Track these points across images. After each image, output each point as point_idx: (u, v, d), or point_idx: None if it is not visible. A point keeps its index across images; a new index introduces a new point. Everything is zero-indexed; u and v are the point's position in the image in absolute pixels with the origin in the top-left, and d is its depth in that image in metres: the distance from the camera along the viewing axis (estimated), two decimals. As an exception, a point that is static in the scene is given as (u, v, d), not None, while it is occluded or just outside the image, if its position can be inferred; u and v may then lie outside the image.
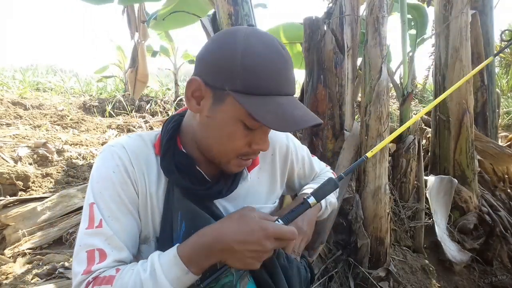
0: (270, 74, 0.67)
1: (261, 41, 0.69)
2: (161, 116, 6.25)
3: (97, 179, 0.74)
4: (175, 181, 0.77)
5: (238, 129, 0.71)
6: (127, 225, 0.74)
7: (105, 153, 0.77)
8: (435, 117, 2.34)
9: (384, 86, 1.73)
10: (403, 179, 2.03)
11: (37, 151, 2.84)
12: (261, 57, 0.67)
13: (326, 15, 2.04)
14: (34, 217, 2.04)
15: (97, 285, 0.66)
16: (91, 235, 0.70)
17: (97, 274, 0.68)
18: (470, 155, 2.18)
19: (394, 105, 5.01)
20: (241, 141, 0.72)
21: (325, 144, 1.95)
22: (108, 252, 0.69)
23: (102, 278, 0.66)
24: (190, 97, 0.73)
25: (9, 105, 4.76)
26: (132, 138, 0.81)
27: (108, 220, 0.71)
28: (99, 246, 0.70)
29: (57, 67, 9.33)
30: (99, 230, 0.70)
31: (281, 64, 0.69)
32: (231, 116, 0.70)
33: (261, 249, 0.67)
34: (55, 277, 1.63)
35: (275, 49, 0.69)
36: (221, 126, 0.71)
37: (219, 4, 1.89)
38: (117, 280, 0.66)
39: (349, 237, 1.75)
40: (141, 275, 0.65)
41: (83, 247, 0.70)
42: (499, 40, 3.29)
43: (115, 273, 0.67)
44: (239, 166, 0.78)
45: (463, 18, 2.13)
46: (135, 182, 0.76)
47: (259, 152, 0.77)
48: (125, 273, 0.67)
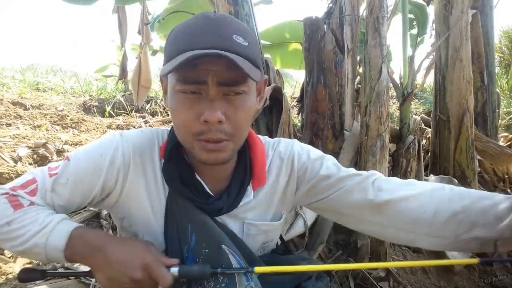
0: (182, 35, 0.68)
1: (194, 16, 0.70)
2: (161, 116, 6.25)
3: (87, 149, 0.77)
4: (176, 190, 0.76)
5: (178, 101, 0.68)
6: (70, 198, 0.75)
7: (111, 137, 0.78)
8: (435, 117, 2.34)
9: (384, 86, 1.73)
10: (403, 179, 2.03)
11: (37, 151, 2.84)
12: (182, 26, 0.70)
13: (326, 15, 2.05)
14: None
15: (9, 201, 0.70)
16: (43, 174, 0.74)
17: (17, 195, 0.71)
18: (470, 155, 2.18)
19: (394, 105, 5.01)
20: (185, 113, 0.68)
21: (325, 144, 1.95)
22: (37, 196, 0.72)
23: (16, 200, 0.70)
24: (164, 93, 0.76)
25: (9, 105, 4.76)
26: (144, 135, 0.81)
27: (60, 180, 0.74)
28: (39, 185, 0.73)
29: (57, 67, 9.33)
30: (48, 178, 0.74)
31: (199, 24, 0.67)
32: (170, 91, 0.71)
33: (133, 277, 0.66)
34: (55, 277, 1.63)
35: (200, 16, 0.69)
36: (170, 107, 0.71)
37: (219, 4, 1.89)
38: (21, 211, 0.69)
39: (349, 237, 1.75)
40: (35, 225, 0.68)
41: (33, 174, 0.75)
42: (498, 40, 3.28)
43: (26, 205, 0.70)
44: (206, 151, 0.69)
45: (463, 18, 2.13)
46: (117, 177, 0.75)
47: (217, 128, 0.67)
48: (30, 211, 0.70)
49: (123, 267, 0.66)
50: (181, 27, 0.70)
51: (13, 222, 0.68)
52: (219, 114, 0.65)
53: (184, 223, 0.74)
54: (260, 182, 0.81)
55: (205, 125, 0.66)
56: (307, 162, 0.83)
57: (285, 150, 0.85)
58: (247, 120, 0.72)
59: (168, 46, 0.70)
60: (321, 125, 1.95)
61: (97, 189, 0.75)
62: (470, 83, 2.17)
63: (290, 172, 0.84)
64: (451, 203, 0.72)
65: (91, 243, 0.69)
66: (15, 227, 0.68)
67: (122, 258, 0.67)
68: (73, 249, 0.69)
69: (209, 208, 0.76)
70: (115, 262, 0.66)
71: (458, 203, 0.72)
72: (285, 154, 0.84)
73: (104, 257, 0.67)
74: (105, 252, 0.67)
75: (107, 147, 0.76)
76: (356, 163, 1.87)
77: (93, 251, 0.68)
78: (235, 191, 0.78)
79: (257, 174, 0.81)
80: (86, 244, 0.69)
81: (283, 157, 0.84)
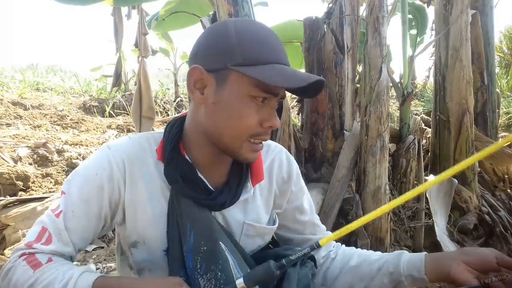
0: (266, 44, 0.71)
1: (247, 21, 0.78)
2: (161, 116, 6.24)
3: (79, 173, 0.76)
4: (179, 191, 0.75)
5: (247, 105, 0.70)
6: (84, 226, 0.75)
7: (99, 152, 0.78)
8: (435, 117, 2.34)
9: (384, 86, 1.73)
10: (403, 179, 2.03)
11: (37, 151, 2.84)
12: (253, 30, 0.72)
13: (326, 15, 2.04)
14: (34, 217, 2.04)
15: (27, 263, 0.69)
16: (50, 218, 0.73)
17: (34, 251, 0.71)
18: (470, 155, 2.18)
19: (394, 105, 5.01)
20: (252, 118, 0.71)
21: (325, 144, 1.95)
22: (54, 241, 0.72)
23: (34, 259, 0.69)
24: (193, 89, 0.73)
25: (9, 105, 4.76)
26: (133, 141, 0.79)
27: (67, 214, 0.73)
28: (51, 231, 0.72)
29: (57, 67, 9.33)
30: (55, 219, 0.73)
31: (272, 35, 0.73)
32: (237, 92, 0.70)
33: None
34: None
35: (261, 25, 0.74)
36: (230, 106, 0.70)
37: (219, 4, 1.89)
38: (40, 271, 0.68)
39: (349, 237, 1.75)
40: (55, 283, 0.66)
41: (41, 222, 0.74)
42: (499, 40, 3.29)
43: (44, 262, 0.69)
44: (252, 151, 0.75)
45: (463, 18, 2.13)
46: (119, 189, 0.76)
47: (270, 131, 0.76)
48: (49, 269, 0.68)
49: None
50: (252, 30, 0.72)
51: (35, 284, 0.66)
52: (279, 121, 0.77)
53: (184, 223, 0.75)
54: (258, 177, 0.84)
55: (265, 129, 0.73)
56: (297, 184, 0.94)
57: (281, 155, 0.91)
58: None
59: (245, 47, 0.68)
60: (321, 125, 1.96)
61: (105, 207, 0.76)
62: (470, 83, 2.17)
63: (286, 179, 0.91)
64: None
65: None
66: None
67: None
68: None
69: (213, 203, 0.77)
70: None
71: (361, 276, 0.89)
72: (281, 160, 0.91)
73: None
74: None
75: (99, 164, 0.75)
76: (356, 163, 1.87)
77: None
78: (234, 184, 0.80)
79: (255, 169, 0.84)
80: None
81: (280, 162, 0.90)
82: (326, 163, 1.96)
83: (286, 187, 0.91)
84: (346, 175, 1.82)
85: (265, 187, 0.87)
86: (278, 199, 0.91)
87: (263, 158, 0.88)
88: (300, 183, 0.95)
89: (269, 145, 0.91)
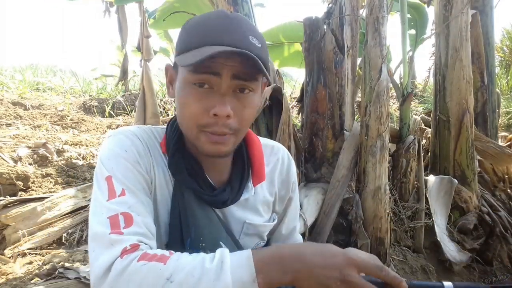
0: (200, 30, 0.69)
1: (206, 14, 0.73)
2: (161, 116, 6.24)
3: (108, 157, 0.70)
4: (183, 182, 0.75)
5: (189, 93, 0.69)
6: (145, 200, 0.69)
7: (117, 136, 0.74)
8: (435, 117, 2.34)
9: (384, 86, 1.73)
10: (403, 179, 2.03)
11: (37, 151, 2.84)
12: (198, 20, 0.71)
13: (326, 15, 2.04)
14: (34, 217, 2.04)
15: (143, 259, 0.57)
16: (113, 204, 0.64)
17: (135, 241, 0.60)
18: (470, 155, 2.18)
19: (394, 105, 5.01)
20: (194, 106, 0.68)
21: (325, 144, 1.95)
22: (134, 217, 0.63)
23: (152, 255, 0.59)
24: (168, 85, 0.76)
25: (9, 105, 4.75)
26: (143, 130, 0.79)
27: (126, 195, 0.66)
28: (123, 210, 0.63)
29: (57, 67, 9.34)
30: (123, 198, 0.65)
31: (218, 21, 0.69)
32: (180, 82, 0.71)
33: (340, 277, 0.58)
34: (55, 277, 1.63)
35: (216, 14, 0.71)
36: (178, 97, 0.72)
37: (219, 4, 1.89)
38: (172, 259, 0.58)
39: (349, 237, 1.75)
40: (205, 262, 0.58)
41: (104, 213, 0.63)
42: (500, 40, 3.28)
43: (168, 254, 0.60)
44: (211, 143, 0.70)
45: (463, 18, 2.13)
46: (147, 169, 0.73)
47: (221, 121, 0.68)
48: (182, 256, 0.60)
49: (329, 270, 0.58)
50: (199, 20, 0.71)
51: (174, 275, 0.56)
52: (229, 108, 0.67)
53: (187, 216, 0.75)
54: (259, 178, 0.84)
55: (213, 118, 0.68)
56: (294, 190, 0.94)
57: (284, 159, 0.91)
58: (252, 117, 0.74)
59: (184, 38, 0.71)
60: (321, 125, 1.95)
61: (148, 181, 0.72)
62: (470, 83, 2.17)
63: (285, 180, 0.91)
64: None
65: (280, 257, 0.60)
66: (181, 279, 0.56)
67: (323, 262, 0.59)
68: (265, 272, 0.58)
69: (215, 200, 0.77)
70: (317, 267, 0.59)
71: None
72: (284, 163, 0.91)
73: (304, 266, 0.59)
74: (301, 261, 0.59)
75: (123, 143, 0.72)
76: (356, 163, 1.87)
77: (288, 264, 0.59)
78: (236, 184, 0.80)
79: (256, 170, 0.84)
80: (276, 259, 0.60)
81: (282, 165, 0.90)
82: (326, 163, 1.96)
83: (285, 192, 0.92)
84: (346, 175, 1.82)
85: (267, 188, 0.88)
86: (278, 202, 0.92)
87: (266, 160, 0.87)
88: (296, 191, 0.96)
89: (272, 147, 0.91)
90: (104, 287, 0.56)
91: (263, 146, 0.88)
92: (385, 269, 0.60)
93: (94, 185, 0.69)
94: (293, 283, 0.59)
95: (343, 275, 0.58)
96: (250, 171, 0.83)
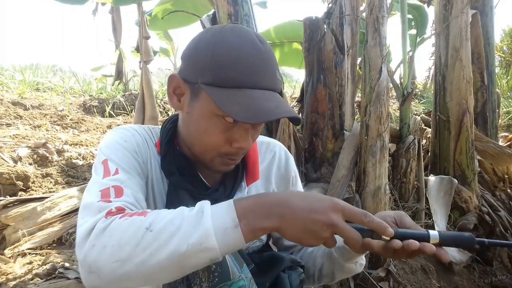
0: (242, 66, 0.65)
1: (237, 35, 0.67)
2: (161, 116, 6.24)
3: (107, 145, 0.71)
4: (176, 183, 0.75)
5: (214, 124, 0.68)
6: (138, 181, 0.70)
7: (118, 129, 0.76)
8: (435, 117, 2.34)
9: (384, 86, 1.73)
10: (403, 179, 2.03)
11: (37, 151, 2.84)
12: (233, 49, 0.65)
13: (326, 15, 2.05)
14: (34, 217, 2.04)
15: (125, 216, 0.57)
16: (106, 180, 0.65)
17: (121, 205, 0.60)
18: (470, 155, 2.18)
19: (394, 105, 5.01)
20: (218, 137, 0.69)
21: (325, 144, 1.95)
22: (125, 189, 0.64)
23: (134, 212, 0.59)
24: (172, 94, 0.73)
25: (9, 105, 4.75)
26: (143, 128, 0.80)
27: (120, 173, 0.67)
28: (114, 184, 0.64)
29: (57, 67, 9.34)
30: (117, 176, 0.66)
31: (257, 56, 0.66)
32: (205, 110, 0.68)
33: (326, 220, 0.57)
34: (55, 277, 1.63)
35: (251, 43, 0.67)
36: (198, 122, 0.70)
37: (219, 4, 1.89)
38: (153, 212, 0.58)
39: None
40: (184, 211, 0.58)
41: (96, 188, 0.64)
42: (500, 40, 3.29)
43: (150, 211, 0.60)
44: (225, 165, 0.74)
45: (463, 18, 2.13)
46: (144, 161, 0.74)
47: (242, 151, 0.72)
48: (163, 210, 0.59)
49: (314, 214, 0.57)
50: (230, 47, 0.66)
51: (153, 225, 0.55)
52: (251, 141, 0.71)
53: None
54: (253, 177, 0.84)
55: (235, 149, 0.70)
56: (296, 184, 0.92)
57: (280, 155, 0.90)
58: None
59: (215, 65, 0.65)
60: (321, 125, 1.95)
61: (142, 165, 0.73)
62: (470, 83, 2.18)
63: (283, 175, 0.90)
64: None
65: (262, 203, 0.59)
66: (160, 227, 0.55)
67: (308, 206, 0.58)
68: (248, 218, 0.57)
69: (208, 199, 0.77)
70: (301, 210, 0.57)
71: None
72: (280, 159, 0.89)
73: (288, 210, 0.58)
74: (285, 205, 0.58)
75: (123, 135, 0.74)
76: (356, 163, 1.87)
77: (271, 208, 0.58)
78: (230, 184, 0.80)
79: (250, 169, 0.84)
80: (258, 205, 0.59)
81: (279, 161, 0.89)
82: (326, 163, 1.96)
83: (285, 187, 0.90)
84: (346, 175, 1.82)
85: (262, 187, 0.87)
86: None
87: (261, 158, 0.87)
88: (298, 184, 0.93)
89: (268, 143, 0.90)
90: (87, 245, 0.56)
91: (259, 144, 0.88)
92: (369, 216, 0.60)
93: (92, 173, 0.71)
94: (278, 229, 0.58)
95: (329, 218, 0.57)
96: (244, 170, 0.83)
